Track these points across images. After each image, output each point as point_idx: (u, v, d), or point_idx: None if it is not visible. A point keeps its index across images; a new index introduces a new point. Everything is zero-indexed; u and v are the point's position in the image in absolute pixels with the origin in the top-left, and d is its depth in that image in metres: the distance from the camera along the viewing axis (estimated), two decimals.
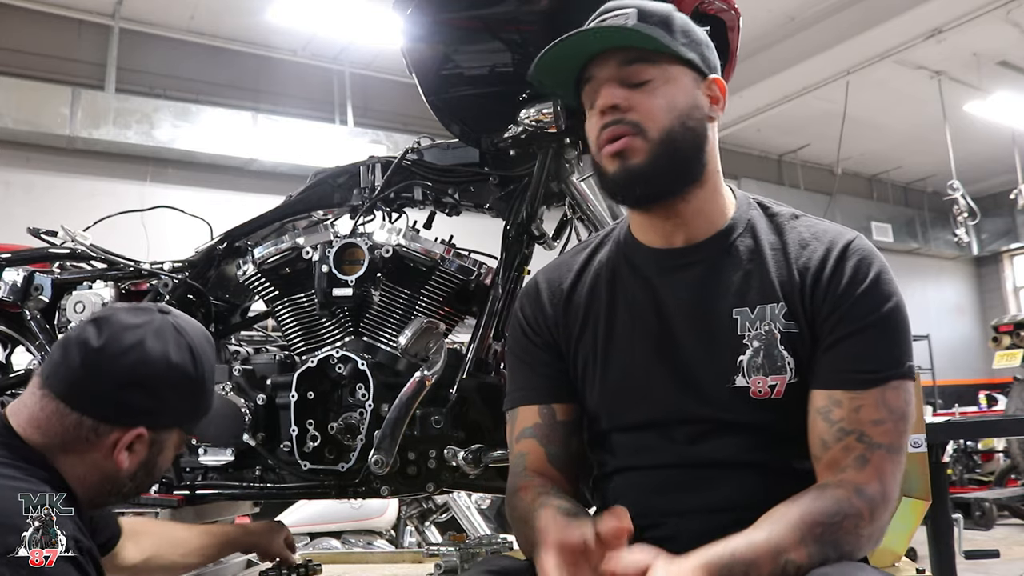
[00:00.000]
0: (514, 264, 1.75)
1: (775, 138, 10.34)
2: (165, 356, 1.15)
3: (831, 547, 0.94)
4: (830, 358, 1.03)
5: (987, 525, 5.83)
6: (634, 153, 1.06)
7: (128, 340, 1.14)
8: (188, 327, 1.22)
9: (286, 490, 1.81)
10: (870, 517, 0.97)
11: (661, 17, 1.09)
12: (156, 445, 1.19)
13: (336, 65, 8.02)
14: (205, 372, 1.22)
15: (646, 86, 1.07)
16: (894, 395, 1.01)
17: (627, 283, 1.15)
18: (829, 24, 7.32)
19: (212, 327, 1.99)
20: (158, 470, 1.24)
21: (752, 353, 1.05)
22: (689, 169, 1.09)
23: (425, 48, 1.72)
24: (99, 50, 7.04)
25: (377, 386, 1.68)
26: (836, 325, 1.03)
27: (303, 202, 1.99)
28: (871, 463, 0.99)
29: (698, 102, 1.09)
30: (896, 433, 1.01)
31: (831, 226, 1.12)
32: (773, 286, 1.07)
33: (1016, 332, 5.95)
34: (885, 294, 1.04)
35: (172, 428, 1.22)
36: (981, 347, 10.89)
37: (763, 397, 1.05)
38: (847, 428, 1.00)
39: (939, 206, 10.73)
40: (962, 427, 4.31)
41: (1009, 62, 8.52)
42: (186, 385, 1.19)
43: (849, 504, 0.96)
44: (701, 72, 1.10)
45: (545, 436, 1.16)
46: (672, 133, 1.06)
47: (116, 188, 6.80)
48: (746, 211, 1.14)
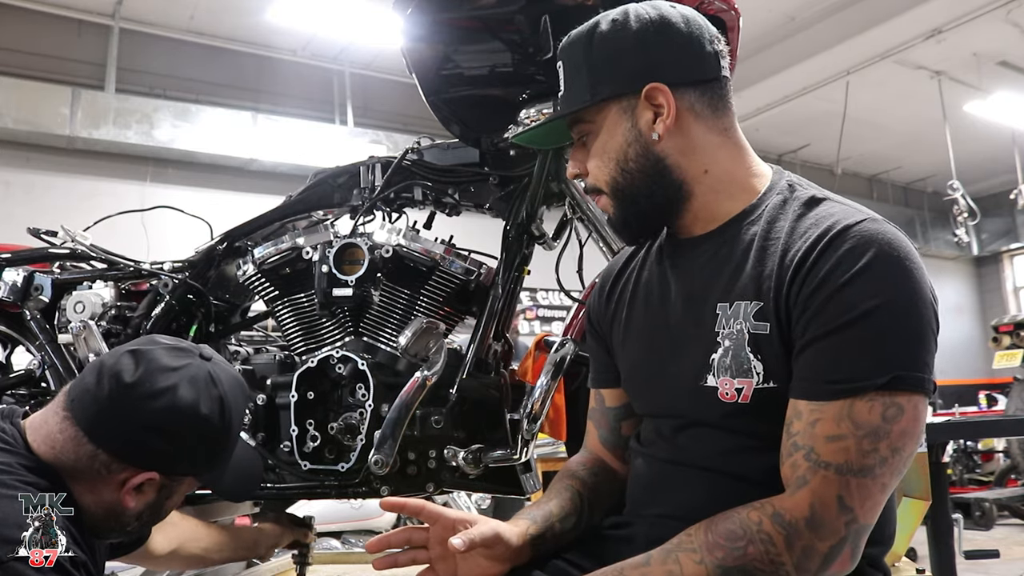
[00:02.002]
0: (514, 264, 1.75)
1: (775, 138, 10.33)
2: (195, 407, 1.14)
3: (737, 574, 0.87)
4: (800, 364, 0.92)
5: (987, 525, 5.83)
6: (607, 210, 1.09)
7: (162, 383, 1.12)
8: (224, 377, 1.20)
9: (286, 490, 1.81)
10: (786, 545, 0.86)
11: (580, 61, 1.04)
12: (166, 490, 1.19)
13: (336, 65, 8.02)
14: (232, 426, 1.20)
15: (588, 146, 1.08)
16: (867, 408, 0.86)
17: (651, 271, 1.15)
18: (829, 24, 7.32)
19: (212, 327, 1.99)
20: (165, 512, 1.23)
21: (723, 352, 0.97)
22: (658, 200, 1.04)
23: (425, 48, 1.72)
24: (99, 50, 7.04)
25: (377, 386, 1.68)
26: (808, 325, 0.90)
27: (303, 202, 1.99)
28: (808, 486, 0.87)
29: (632, 133, 1.02)
30: (858, 451, 0.86)
31: (845, 209, 0.96)
32: (756, 281, 0.96)
33: (1016, 332, 5.95)
34: (872, 288, 0.87)
35: (186, 476, 1.21)
36: (981, 347, 10.89)
37: (731, 400, 0.96)
38: (799, 443, 0.89)
39: (939, 206, 10.73)
40: (962, 427, 4.30)
41: (1009, 62, 8.51)
42: (209, 438, 1.18)
43: (758, 530, 0.87)
44: (628, 91, 1.01)
45: (597, 420, 1.24)
46: (617, 183, 1.05)
47: (116, 188, 6.80)
48: (769, 197, 1.03)
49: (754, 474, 0.96)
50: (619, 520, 1.13)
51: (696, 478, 1.01)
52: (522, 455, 1.67)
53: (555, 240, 1.84)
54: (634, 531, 1.07)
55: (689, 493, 1.01)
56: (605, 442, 1.22)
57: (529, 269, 1.79)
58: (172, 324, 1.95)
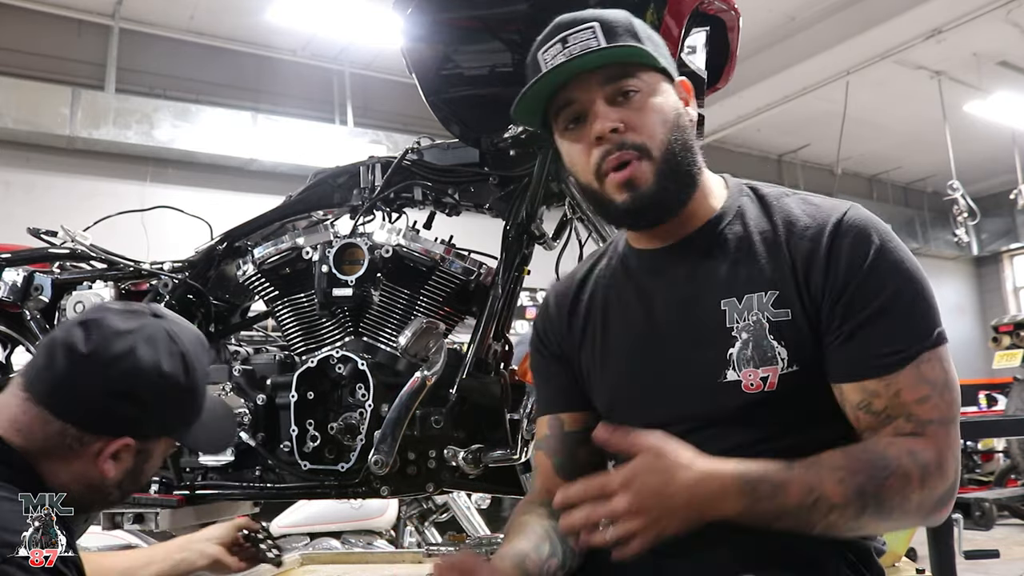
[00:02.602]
0: (514, 264, 1.75)
1: (775, 138, 10.34)
2: (157, 366, 1.10)
3: (873, 500, 0.90)
4: (852, 349, 0.97)
5: (987, 525, 5.82)
6: (643, 178, 1.01)
7: (118, 347, 1.08)
8: (182, 332, 1.16)
9: (286, 490, 1.81)
10: (920, 483, 0.92)
11: (626, 27, 1.04)
12: (143, 454, 1.14)
13: (336, 65, 8.02)
14: (197, 380, 1.16)
15: (634, 102, 1.02)
16: (929, 368, 0.96)
17: (622, 288, 1.14)
18: (829, 24, 7.31)
19: (212, 327, 1.99)
20: (145, 476, 1.19)
21: (741, 345, 1.00)
22: (691, 180, 1.05)
23: (425, 48, 1.72)
24: (99, 50, 7.03)
25: (377, 386, 1.68)
26: (847, 313, 0.97)
27: (303, 202, 1.99)
28: (925, 435, 0.94)
29: (680, 108, 1.06)
30: (944, 405, 0.96)
31: (824, 201, 1.05)
32: (762, 273, 1.01)
33: (1016, 332, 5.95)
34: (892, 267, 0.97)
35: (160, 437, 1.17)
36: (981, 347, 10.88)
37: (756, 390, 0.99)
38: (892, 414, 0.96)
39: (939, 206, 10.72)
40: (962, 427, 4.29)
41: (1009, 62, 8.51)
42: (177, 395, 1.13)
43: (899, 463, 0.92)
44: (671, 77, 1.07)
45: (552, 447, 1.19)
46: (672, 147, 1.02)
47: (116, 188, 6.80)
48: (736, 198, 1.09)
49: (777, 456, 0.96)
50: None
51: None
52: (522, 455, 1.67)
53: (555, 240, 1.84)
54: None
55: None
56: (561, 469, 1.17)
57: (529, 269, 1.79)
58: None
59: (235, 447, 1.79)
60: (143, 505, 1.87)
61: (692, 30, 1.65)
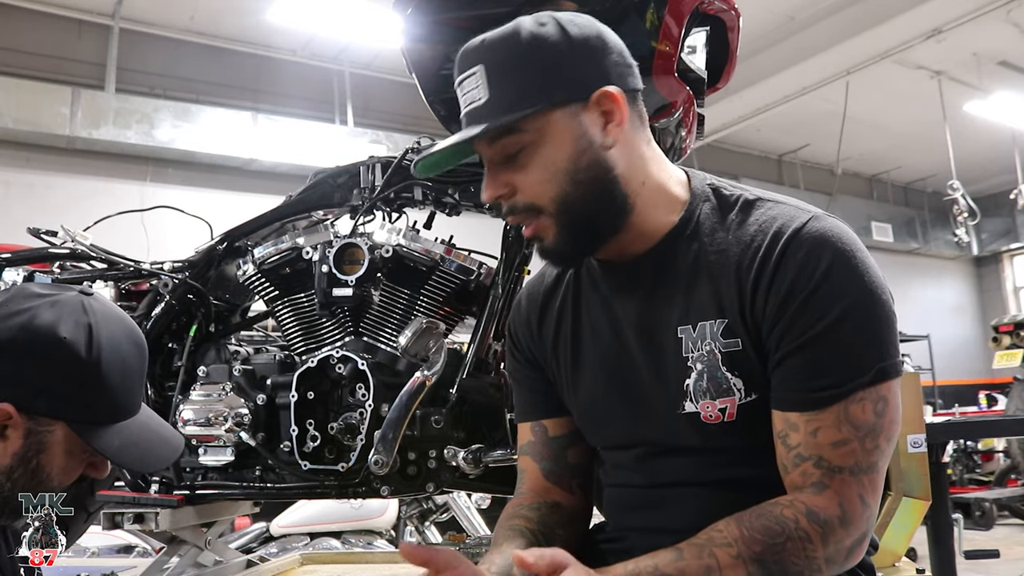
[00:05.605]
0: (514, 264, 1.75)
1: (775, 138, 10.33)
2: (52, 327, 0.98)
3: (774, 567, 0.88)
4: (780, 376, 0.93)
5: (987, 525, 5.83)
6: (546, 232, 0.98)
7: (20, 306, 0.99)
8: (103, 312, 1.04)
9: (286, 490, 1.81)
10: (822, 541, 0.88)
11: (509, 57, 0.94)
12: (33, 437, 0.98)
13: (336, 65, 8.02)
14: (103, 363, 1.00)
15: (519, 161, 0.96)
16: (859, 409, 0.90)
17: (589, 299, 1.10)
18: (829, 24, 7.31)
19: (212, 327, 1.99)
20: (46, 475, 1.00)
21: (697, 376, 0.96)
22: (607, 216, 0.98)
23: (425, 48, 1.72)
24: (99, 50, 7.03)
25: (377, 386, 1.68)
26: (782, 338, 0.92)
27: (303, 202, 1.99)
28: (830, 488, 0.90)
29: (584, 141, 0.95)
30: (863, 452, 0.90)
31: (784, 210, 0.97)
32: (713, 298, 0.96)
33: (1016, 332, 5.96)
34: (838, 291, 0.90)
35: (52, 419, 0.99)
36: (981, 347, 10.88)
37: (715, 421, 0.96)
38: (804, 454, 0.91)
39: (939, 206, 10.73)
40: (962, 427, 4.31)
41: (1009, 62, 8.51)
42: (71, 368, 0.99)
43: (796, 526, 0.88)
44: (579, 96, 0.95)
45: (539, 453, 1.16)
46: (568, 198, 0.95)
47: (116, 188, 6.80)
48: (697, 204, 1.02)
49: (743, 480, 0.98)
50: (611, 535, 1.12)
51: (683, 494, 1.01)
52: None
53: None
54: (631, 543, 1.04)
55: (680, 507, 1.01)
56: (550, 474, 1.15)
57: (529, 269, 1.79)
58: (172, 324, 1.95)
59: (235, 447, 1.79)
60: (143, 505, 1.87)
61: (692, 30, 1.65)
